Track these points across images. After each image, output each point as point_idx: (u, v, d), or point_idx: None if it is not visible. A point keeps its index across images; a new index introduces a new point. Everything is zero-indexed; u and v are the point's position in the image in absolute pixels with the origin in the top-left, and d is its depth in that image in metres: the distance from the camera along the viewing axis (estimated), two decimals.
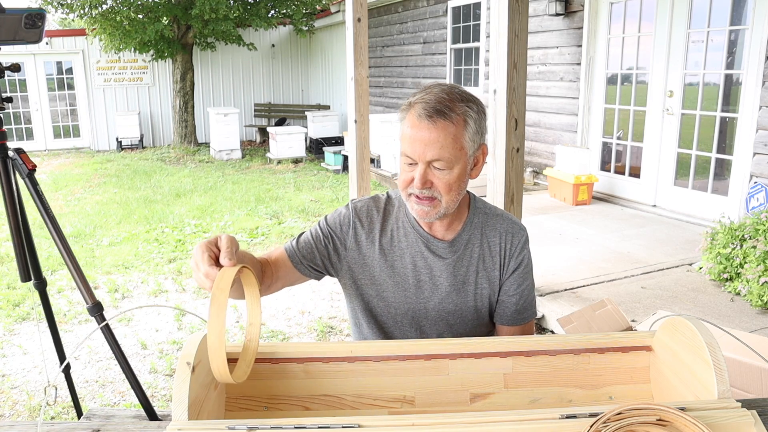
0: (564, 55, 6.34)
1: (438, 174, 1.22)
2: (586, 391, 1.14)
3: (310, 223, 5.99)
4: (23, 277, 1.88)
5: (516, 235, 1.38)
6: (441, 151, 1.19)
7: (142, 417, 1.55)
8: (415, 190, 1.23)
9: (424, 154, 1.20)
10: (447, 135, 1.19)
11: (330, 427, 0.86)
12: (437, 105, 1.19)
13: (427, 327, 1.38)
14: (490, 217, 1.39)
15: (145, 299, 4.12)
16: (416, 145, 1.20)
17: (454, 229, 1.36)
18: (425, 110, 1.19)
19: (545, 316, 3.41)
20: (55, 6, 9.99)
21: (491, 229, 1.38)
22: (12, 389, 2.96)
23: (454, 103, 1.20)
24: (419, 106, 1.20)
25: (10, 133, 11.03)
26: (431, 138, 1.19)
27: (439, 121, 1.18)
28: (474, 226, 1.37)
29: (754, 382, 1.90)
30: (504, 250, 1.37)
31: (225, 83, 12.72)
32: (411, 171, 1.23)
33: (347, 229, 1.36)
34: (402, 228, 1.36)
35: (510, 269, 1.38)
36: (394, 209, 1.38)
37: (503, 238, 1.37)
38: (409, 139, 1.21)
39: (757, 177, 4.47)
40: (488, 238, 1.37)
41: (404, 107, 1.25)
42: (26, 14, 1.68)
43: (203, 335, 1.00)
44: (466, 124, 1.21)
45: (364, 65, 4.48)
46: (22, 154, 1.82)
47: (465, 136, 1.21)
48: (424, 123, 1.19)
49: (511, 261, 1.37)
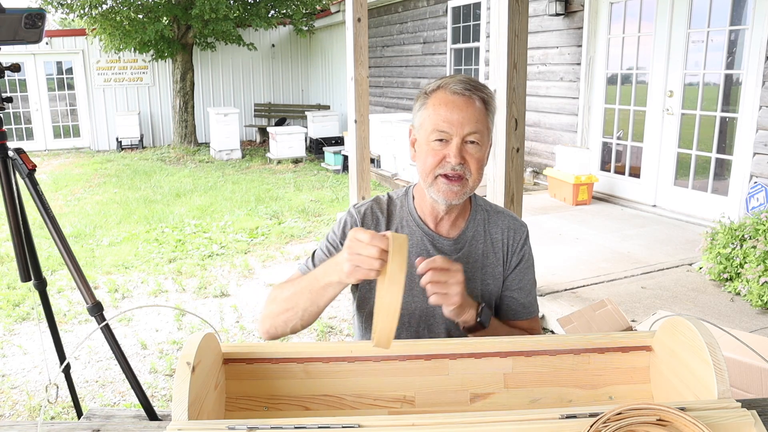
0: (564, 55, 6.34)
1: (471, 149, 1.23)
2: (586, 391, 1.14)
3: (310, 223, 6.00)
4: (23, 277, 1.88)
5: (518, 231, 1.40)
6: (477, 125, 1.22)
7: (142, 417, 1.55)
8: (448, 168, 1.23)
9: (462, 127, 1.21)
10: (481, 110, 1.23)
11: (330, 427, 0.86)
12: (470, 82, 1.23)
13: (436, 326, 1.38)
14: (491, 213, 1.40)
15: (145, 299, 4.12)
16: (453, 119, 1.21)
17: (459, 226, 1.36)
18: (461, 85, 1.22)
19: (545, 316, 3.41)
20: (55, 6, 10.00)
21: (493, 226, 1.39)
22: (12, 389, 2.96)
23: (484, 86, 1.26)
24: (450, 86, 1.23)
25: (10, 133, 11.04)
26: (468, 112, 1.21)
27: (475, 96, 1.22)
28: (477, 223, 1.38)
29: (754, 382, 1.90)
30: (507, 245, 1.38)
31: (225, 83, 12.72)
32: (443, 149, 1.23)
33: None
34: (407, 226, 1.36)
35: (512, 264, 1.39)
36: (396, 209, 1.39)
37: (505, 234, 1.39)
38: (444, 115, 1.21)
39: (757, 177, 4.47)
40: (491, 235, 1.38)
41: (424, 94, 1.27)
42: (26, 14, 1.68)
43: (203, 335, 1.00)
44: (490, 105, 1.25)
45: (364, 65, 4.48)
46: (22, 154, 1.82)
47: (489, 117, 1.25)
48: (461, 98, 1.21)
49: (513, 256, 1.39)
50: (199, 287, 4.27)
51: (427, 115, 1.24)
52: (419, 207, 1.37)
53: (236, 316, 3.79)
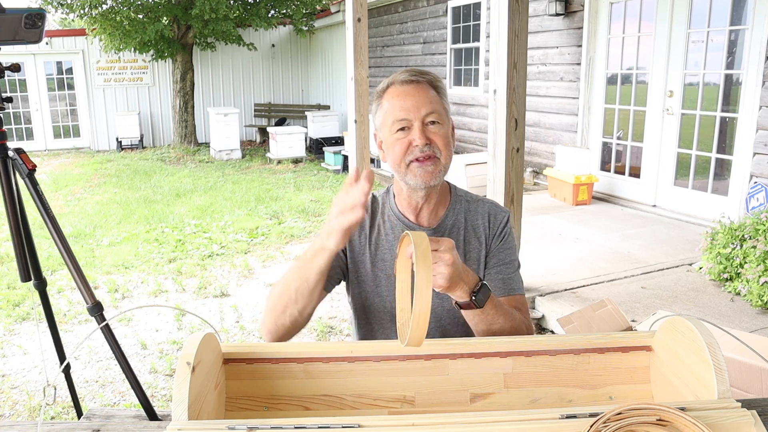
0: (564, 55, 6.34)
1: (434, 129, 1.28)
2: (586, 391, 1.14)
3: (310, 223, 5.99)
4: (23, 277, 1.88)
5: (498, 215, 1.43)
6: (433, 105, 1.27)
7: (142, 417, 1.55)
8: (416, 152, 1.26)
9: (418, 111, 1.26)
10: (431, 93, 1.29)
11: (330, 427, 0.86)
12: (414, 71, 1.30)
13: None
14: (471, 203, 1.44)
15: (145, 299, 4.12)
16: (409, 106, 1.26)
17: (439, 216, 1.40)
18: (407, 75, 1.29)
19: (545, 316, 3.41)
20: (55, 6, 9.99)
21: (474, 214, 1.42)
22: (12, 389, 2.96)
23: (423, 71, 1.32)
24: (399, 78, 1.29)
25: (10, 133, 11.03)
26: (421, 96, 1.27)
27: (422, 82, 1.29)
28: (457, 212, 1.41)
29: (754, 382, 1.90)
30: (488, 229, 1.41)
31: (225, 83, 12.72)
32: (407, 136, 1.27)
33: None
34: (388, 221, 1.40)
35: (494, 246, 1.41)
36: (379, 206, 1.43)
37: (486, 219, 1.42)
38: (399, 105, 1.27)
39: (757, 177, 4.47)
40: (472, 222, 1.41)
41: (377, 96, 1.33)
42: (26, 14, 1.68)
43: (203, 335, 1.00)
44: (439, 88, 1.32)
45: (364, 65, 4.48)
46: (22, 154, 1.82)
47: (442, 98, 1.31)
48: (410, 87, 1.28)
49: (494, 239, 1.41)
50: (199, 287, 4.27)
51: (384, 111, 1.30)
52: (399, 202, 1.41)
53: (236, 316, 3.79)
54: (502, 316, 1.23)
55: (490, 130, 3.23)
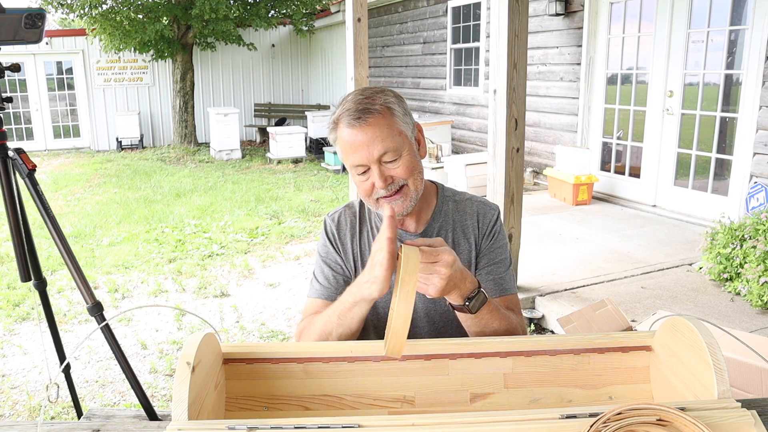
0: (564, 55, 6.34)
1: (392, 166, 1.24)
2: (586, 391, 1.14)
3: (310, 223, 5.99)
4: (23, 277, 1.88)
5: (487, 214, 1.41)
6: (384, 144, 1.22)
7: (142, 417, 1.56)
8: (381, 192, 1.25)
9: (371, 154, 1.22)
10: (382, 127, 1.22)
11: (330, 427, 0.86)
12: (358, 106, 1.22)
13: (417, 319, 1.38)
14: (459, 202, 1.42)
15: (145, 299, 4.12)
16: (360, 151, 1.22)
17: (424, 220, 1.38)
18: (351, 116, 1.22)
19: (545, 316, 3.41)
20: (55, 6, 9.99)
21: (462, 214, 1.40)
22: (12, 389, 2.96)
23: (371, 98, 1.24)
24: (344, 118, 1.23)
25: (10, 133, 11.04)
26: (369, 137, 1.21)
27: (369, 118, 1.21)
28: (444, 214, 1.39)
29: (754, 382, 1.90)
30: (477, 229, 1.39)
31: (225, 83, 12.72)
32: (366, 179, 1.26)
33: (335, 241, 1.41)
34: (376, 227, 1.40)
35: (484, 246, 1.39)
36: (366, 212, 1.42)
37: (475, 218, 1.40)
38: (350, 149, 1.23)
39: (757, 177, 4.47)
40: (461, 223, 1.39)
41: (331, 127, 1.28)
42: (26, 14, 1.68)
43: (203, 335, 1.00)
44: (391, 110, 1.24)
45: (364, 65, 4.48)
46: (22, 154, 1.82)
47: (397, 121, 1.24)
48: (356, 128, 1.21)
49: (484, 238, 1.39)
50: (199, 287, 4.27)
51: (340, 148, 1.27)
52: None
53: (236, 316, 3.79)
54: (497, 319, 1.22)
55: (490, 130, 3.23)
